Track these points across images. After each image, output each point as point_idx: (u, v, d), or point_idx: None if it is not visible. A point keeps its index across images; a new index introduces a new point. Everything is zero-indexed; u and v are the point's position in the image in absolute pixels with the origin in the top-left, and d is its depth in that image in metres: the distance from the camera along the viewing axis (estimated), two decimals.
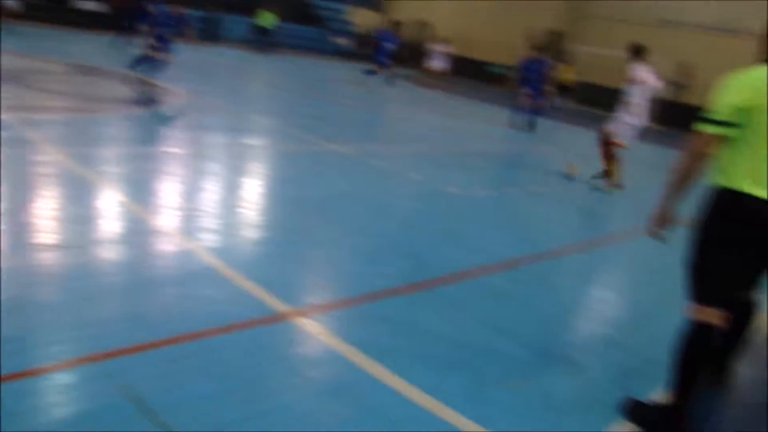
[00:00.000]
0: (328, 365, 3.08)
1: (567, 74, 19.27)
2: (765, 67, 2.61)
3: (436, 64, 20.38)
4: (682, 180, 2.77)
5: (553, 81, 15.08)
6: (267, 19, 22.42)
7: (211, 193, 5.80)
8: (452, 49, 20.72)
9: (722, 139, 2.65)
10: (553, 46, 26.85)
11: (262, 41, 22.18)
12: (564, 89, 19.24)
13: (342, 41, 25.92)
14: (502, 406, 2.96)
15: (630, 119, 8.18)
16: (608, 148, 8.40)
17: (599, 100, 20.46)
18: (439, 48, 20.50)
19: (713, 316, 2.70)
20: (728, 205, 2.66)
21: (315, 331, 3.37)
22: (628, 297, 4.97)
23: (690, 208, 2.86)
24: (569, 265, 5.43)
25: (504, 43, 21.67)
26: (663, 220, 2.89)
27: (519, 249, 5.53)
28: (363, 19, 27.25)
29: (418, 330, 3.58)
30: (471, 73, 24.99)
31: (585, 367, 3.51)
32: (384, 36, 17.91)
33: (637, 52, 8.11)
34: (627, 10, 25.17)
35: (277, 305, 3.58)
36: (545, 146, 12.55)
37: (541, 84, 13.35)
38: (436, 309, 3.91)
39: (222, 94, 12.22)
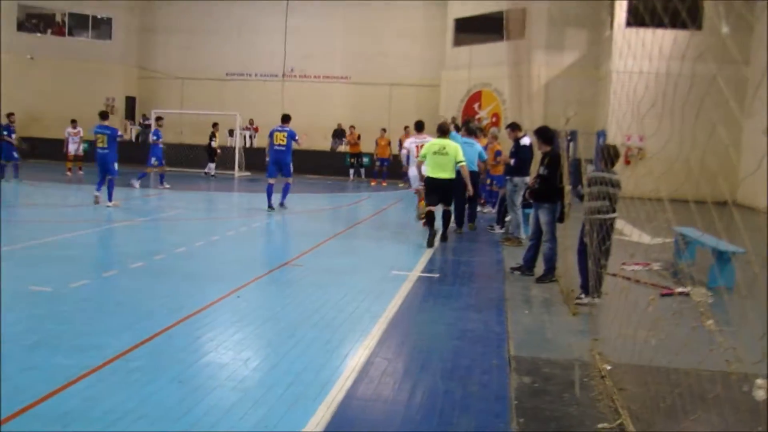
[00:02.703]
0: None
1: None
2: (437, 139, 10.28)
3: (72, 147, 19.29)
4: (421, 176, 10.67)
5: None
6: None
7: None
8: (81, 132, 19.52)
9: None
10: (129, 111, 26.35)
11: None
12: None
13: None
14: None
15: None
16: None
17: (187, 159, 21.91)
18: (72, 131, 19.27)
19: (430, 208, 10.19)
20: (427, 180, 10.17)
21: None
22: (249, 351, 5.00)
23: None
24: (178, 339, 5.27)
25: (82, 115, 20.24)
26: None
27: (127, 336, 5.11)
28: None
29: None
30: (52, 154, 22.23)
31: None
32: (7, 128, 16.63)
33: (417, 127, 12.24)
34: (193, 68, 26.01)
35: None
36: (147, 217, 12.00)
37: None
38: None
39: None
